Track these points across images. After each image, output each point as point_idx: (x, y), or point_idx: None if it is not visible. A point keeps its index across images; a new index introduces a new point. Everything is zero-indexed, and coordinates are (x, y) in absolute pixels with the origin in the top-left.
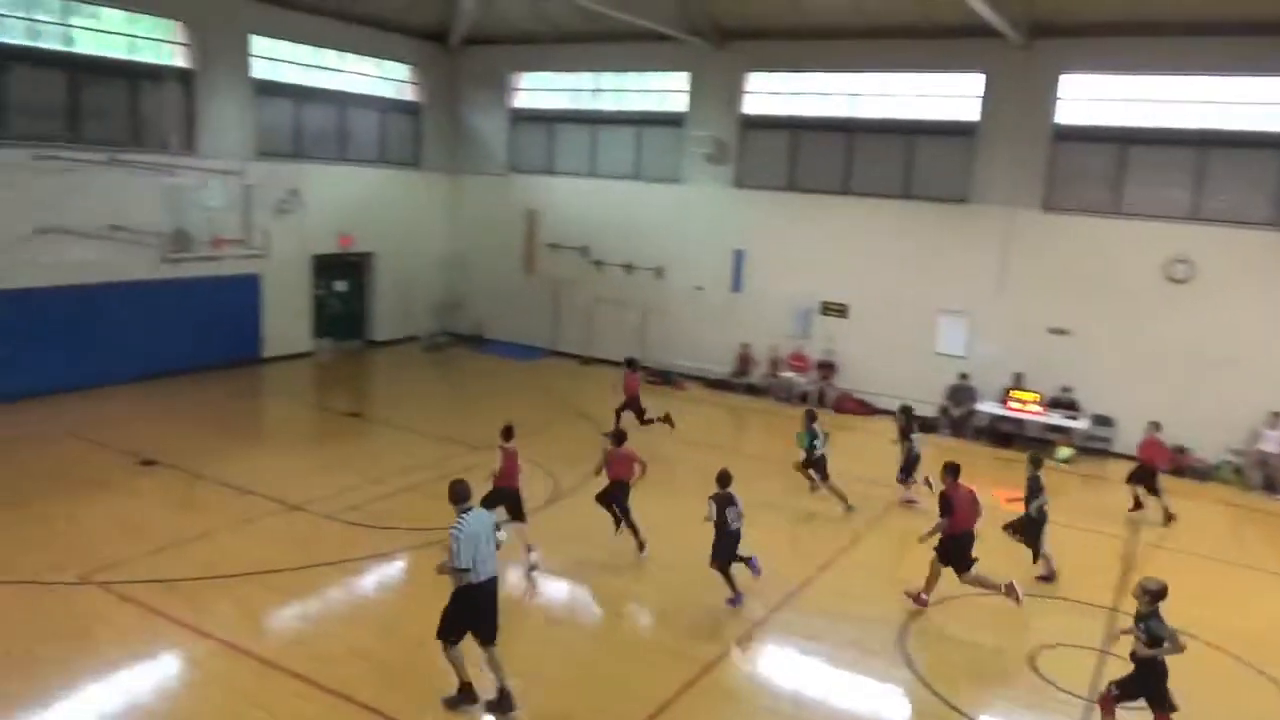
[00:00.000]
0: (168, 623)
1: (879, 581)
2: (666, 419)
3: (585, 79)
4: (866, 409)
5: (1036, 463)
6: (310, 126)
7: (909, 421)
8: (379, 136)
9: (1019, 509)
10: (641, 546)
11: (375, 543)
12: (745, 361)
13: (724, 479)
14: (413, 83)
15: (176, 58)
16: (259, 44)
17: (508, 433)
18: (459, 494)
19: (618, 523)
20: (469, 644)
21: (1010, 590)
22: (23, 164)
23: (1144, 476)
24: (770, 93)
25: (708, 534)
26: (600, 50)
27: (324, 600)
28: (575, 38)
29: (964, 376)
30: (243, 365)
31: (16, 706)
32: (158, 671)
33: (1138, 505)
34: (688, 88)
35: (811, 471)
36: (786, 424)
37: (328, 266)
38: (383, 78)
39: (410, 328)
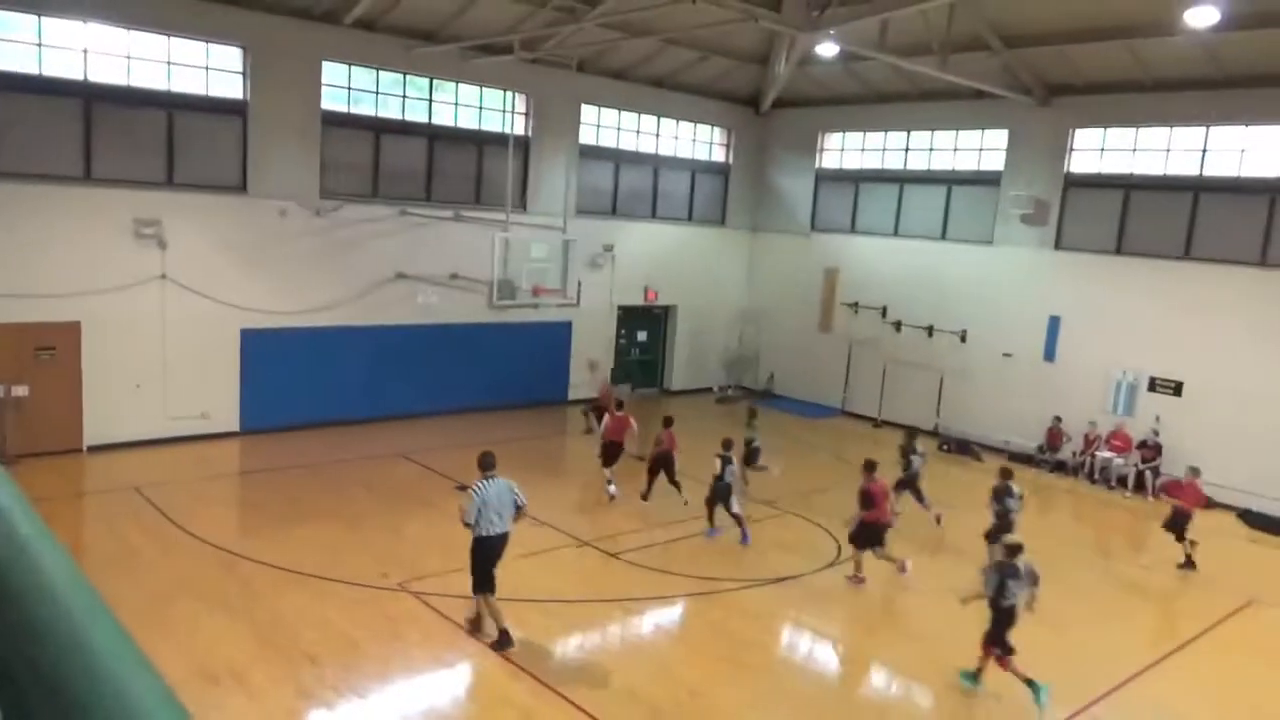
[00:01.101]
0: (465, 637)
1: (1207, 696)
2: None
3: (895, 138)
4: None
5: (1006, 474)
6: (625, 186)
7: (910, 442)
8: (687, 196)
9: None
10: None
11: (655, 585)
12: (1055, 436)
13: (727, 444)
14: (722, 145)
15: (517, 126)
16: (588, 112)
17: (619, 405)
18: (484, 463)
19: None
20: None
21: (903, 567)
22: (390, 219)
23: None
24: (1099, 149)
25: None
26: (913, 109)
27: (603, 635)
28: (889, 98)
29: None
30: (549, 405)
31: (337, 690)
32: (454, 680)
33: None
34: (1005, 145)
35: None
36: (1096, 508)
37: (631, 317)
38: (695, 140)
39: (703, 379)
